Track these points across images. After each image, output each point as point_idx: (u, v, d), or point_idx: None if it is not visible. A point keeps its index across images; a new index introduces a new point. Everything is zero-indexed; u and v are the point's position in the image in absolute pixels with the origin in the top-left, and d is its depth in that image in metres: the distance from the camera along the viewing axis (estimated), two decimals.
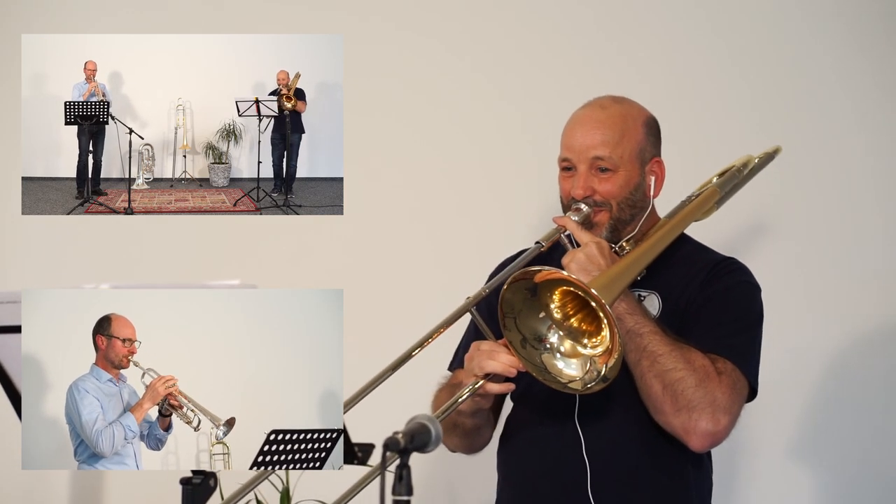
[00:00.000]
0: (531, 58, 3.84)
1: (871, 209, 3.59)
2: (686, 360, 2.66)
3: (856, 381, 3.55)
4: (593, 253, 2.71)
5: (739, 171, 3.13)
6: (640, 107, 2.92)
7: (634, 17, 3.78)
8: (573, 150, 2.86)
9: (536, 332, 2.63)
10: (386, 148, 3.93)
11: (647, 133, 2.89)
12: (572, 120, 2.91)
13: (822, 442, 3.56)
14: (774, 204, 3.62)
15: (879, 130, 3.59)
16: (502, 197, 3.83)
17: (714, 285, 2.81)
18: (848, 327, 3.55)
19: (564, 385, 2.61)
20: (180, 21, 4.02)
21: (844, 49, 3.62)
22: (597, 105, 2.90)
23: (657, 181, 2.89)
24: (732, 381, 2.68)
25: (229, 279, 2.19)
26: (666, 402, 2.66)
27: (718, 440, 2.69)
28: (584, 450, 2.73)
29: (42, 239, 4.06)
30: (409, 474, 2.04)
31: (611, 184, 2.83)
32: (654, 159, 2.89)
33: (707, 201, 3.01)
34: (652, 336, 2.67)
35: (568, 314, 2.65)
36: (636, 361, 2.67)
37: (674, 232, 2.85)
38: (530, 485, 2.81)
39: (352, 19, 3.95)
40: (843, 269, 3.58)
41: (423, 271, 3.88)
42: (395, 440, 2.06)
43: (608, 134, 2.84)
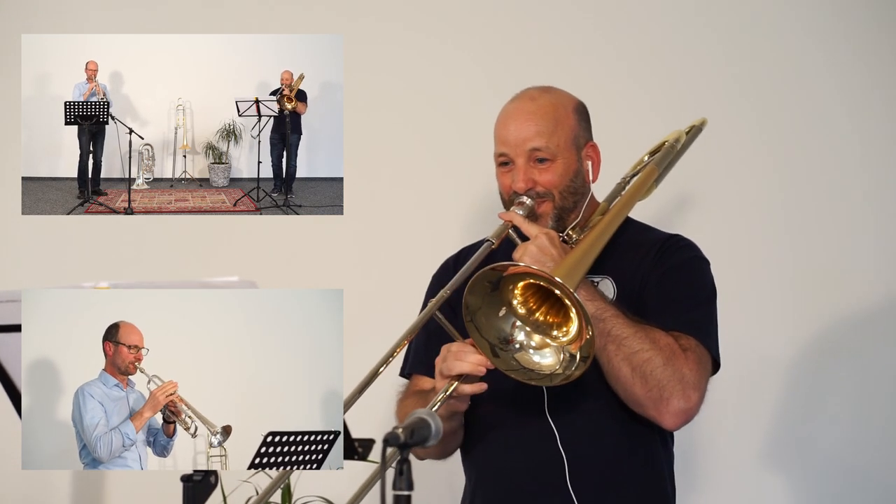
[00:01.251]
0: (531, 57, 3.84)
1: (841, 194, 3.65)
2: (651, 341, 2.67)
3: (827, 380, 3.60)
4: (544, 244, 2.72)
5: (673, 147, 3.13)
6: (568, 94, 2.93)
7: (630, 17, 3.80)
8: (509, 144, 2.87)
9: (501, 333, 2.62)
10: (386, 148, 3.93)
11: (578, 119, 2.90)
12: (504, 114, 2.92)
13: (795, 444, 3.60)
14: (715, 182, 3.69)
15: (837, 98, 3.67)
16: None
17: (665, 263, 2.82)
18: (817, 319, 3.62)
19: (549, 377, 2.59)
20: (181, 21, 4.02)
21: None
22: (526, 97, 2.92)
23: (594, 165, 2.90)
24: (697, 357, 2.70)
25: (227, 277, 2.20)
26: (636, 384, 2.66)
27: (690, 416, 2.70)
28: (559, 442, 2.73)
29: (42, 239, 4.05)
30: (410, 469, 2.04)
31: (550, 173, 2.84)
32: (588, 144, 2.91)
33: (647, 180, 3.01)
34: (615, 320, 2.68)
35: (531, 308, 2.64)
36: (602, 347, 2.67)
37: (622, 214, 2.86)
38: (508, 483, 2.80)
39: (352, 19, 3.95)
40: (808, 259, 3.64)
41: (423, 271, 3.87)
42: (395, 435, 2.06)
43: (542, 124, 2.85)
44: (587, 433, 2.74)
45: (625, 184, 3.01)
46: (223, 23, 4.00)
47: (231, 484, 3.64)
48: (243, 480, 3.64)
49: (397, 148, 3.93)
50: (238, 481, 3.65)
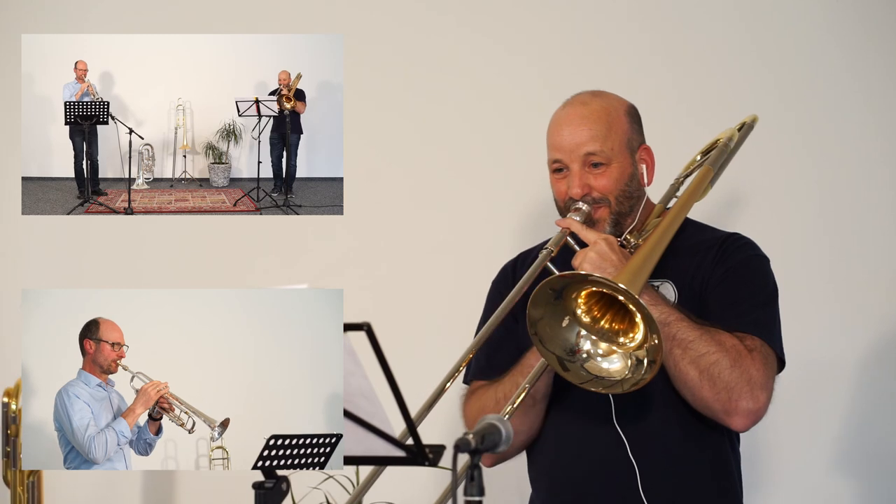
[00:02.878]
0: (531, 57, 3.84)
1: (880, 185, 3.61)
2: (717, 343, 2.66)
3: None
4: (604, 250, 2.71)
5: (726, 145, 3.11)
6: (618, 97, 2.92)
7: (630, 10, 3.79)
8: (563, 149, 2.85)
9: (567, 345, 2.61)
10: (386, 148, 3.93)
11: (630, 122, 2.89)
12: (556, 120, 2.90)
13: (863, 447, 3.57)
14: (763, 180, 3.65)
15: (869, 98, 3.62)
16: (503, 196, 3.83)
17: (726, 263, 2.81)
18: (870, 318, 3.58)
19: (621, 383, 2.58)
20: (181, 21, 4.01)
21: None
22: (577, 102, 2.90)
23: (649, 168, 2.89)
24: (763, 357, 2.70)
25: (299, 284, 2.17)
26: (704, 387, 2.66)
27: (759, 417, 2.69)
28: (629, 450, 2.73)
29: (42, 239, 4.05)
30: (481, 474, 2.05)
31: (606, 178, 2.83)
32: (641, 146, 2.90)
33: (703, 180, 2.99)
34: (679, 323, 2.67)
35: (595, 317, 2.63)
36: (668, 351, 2.66)
37: (680, 217, 2.84)
38: (578, 492, 2.80)
39: (352, 19, 3.95)
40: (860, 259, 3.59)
41: (424, 271, 3.88)
42: (466, 441, 2.06)
43: (595, 129, 2.83)
44: (656, 440, 2.75)
45: (679, 184, 3.00)
46: (223, 23, 4.00)
47: (301, 490, 3.55)
48: (313, 487, 3.56)
49: (397, 148, 3.93)
50: (308, 488, 3.57)
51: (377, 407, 2.14)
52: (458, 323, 3.09)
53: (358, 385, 2.13)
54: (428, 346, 3.67)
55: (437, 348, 2.87)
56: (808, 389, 3.54)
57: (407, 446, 2.15)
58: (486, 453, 2.06)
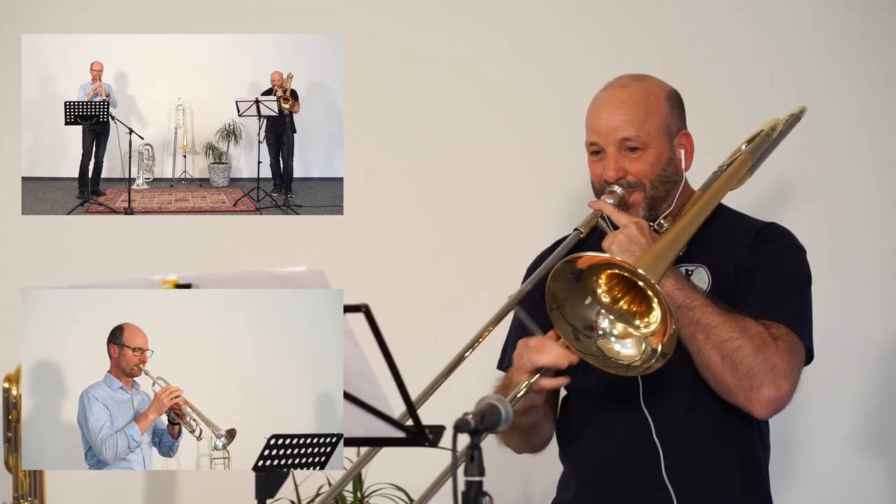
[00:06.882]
0: (531, 56, 3.84)
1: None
2: (741, 329, 2.66)
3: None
4: (633, 233, 2.71)
5: (768, 135, 3.12)
6: (660, 81, 2.92)
7: (631, 9, 3.79)
8: (600, 133, 2.85)
9: (586, 320, 2.63)
10: (386, 148, 3.93)
11: (671, 107, 2.88)
12: (595, 103, 2.89)
13: (892, 432, 3.56)
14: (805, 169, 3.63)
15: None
16: (503, 195, 3.83)
17: (760, 251, 2.81)
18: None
19: (626, 368, 2.61)
20: (181, 21, 4.01)
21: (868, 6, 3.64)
22: (618, 85, 2.90)
23: (687, 154, 2.89)
24: (789, 346, 2.69)
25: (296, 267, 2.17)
26: (726, 372, 2.66)
27: (782, 405, 2.69)
28: (654, 433, 2.73)
29: (42, 239, 4.05)
30: (481, 455, 2.06)
31: (642, 162, 2.83)
32: (681, 132, 2.89)
33: (740, 169, 2.99)
34: (704, 308, 2.67)
35: (616, 297, 2.64)
36: (691, 336, 2.66)
37: (711, 203, 2.84)
38: (604, 474, 2.81)
39: (352, 19, 3.95)
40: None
41: (424, 271, 3.88)
42: (465, 421, 2.07)
43: (633, 113, 2.83)
44: (683, 423, 2.75)
45: (720, 172, 2.99)
46: (223, 23, 4.00)
47: (302, 473, 3.55)
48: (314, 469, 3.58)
49: (397, 147, 3.93)
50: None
51: (377, 388, 2.15)
52: (458, 323, 3.08)
53: (357, 367, 2.14)
54: (428, 346, 3.66)
55: (437, 348, 2.87)
56: (836, 371, 3.52)
57: (406, 427, 2.15)
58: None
